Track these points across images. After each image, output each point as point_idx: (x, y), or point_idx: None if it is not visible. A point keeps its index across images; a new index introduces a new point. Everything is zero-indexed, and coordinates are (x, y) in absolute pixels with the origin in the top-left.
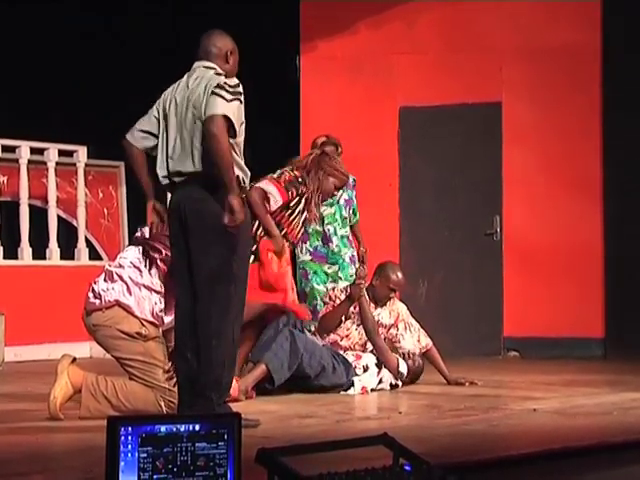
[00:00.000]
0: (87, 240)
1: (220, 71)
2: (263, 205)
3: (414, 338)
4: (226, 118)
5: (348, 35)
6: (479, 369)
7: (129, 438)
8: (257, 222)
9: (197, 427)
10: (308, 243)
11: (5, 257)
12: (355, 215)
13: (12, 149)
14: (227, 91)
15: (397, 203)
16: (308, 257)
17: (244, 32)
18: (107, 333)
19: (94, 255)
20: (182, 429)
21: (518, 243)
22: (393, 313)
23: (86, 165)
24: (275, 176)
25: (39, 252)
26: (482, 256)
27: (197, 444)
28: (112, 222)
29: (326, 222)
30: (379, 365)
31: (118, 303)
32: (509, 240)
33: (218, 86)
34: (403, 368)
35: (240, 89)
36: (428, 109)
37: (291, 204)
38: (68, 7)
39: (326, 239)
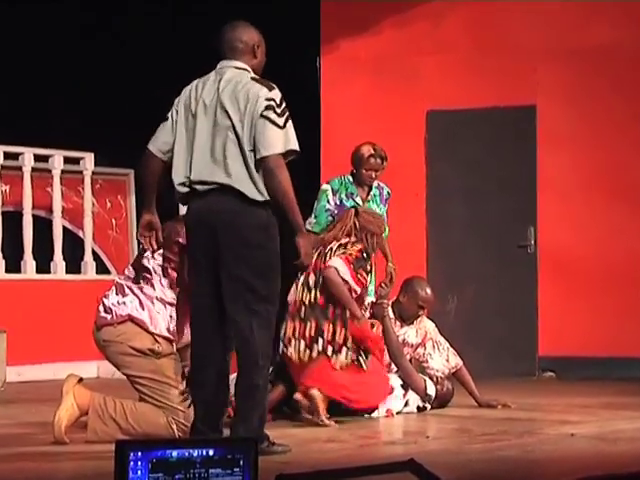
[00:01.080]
0: (94, 253)
1: (254, 75)
2: (344, 287)
3: (443, 357)
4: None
5: (371, 35)
6: (512, 391)
7: (139, 464)
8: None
9: (211, 452)
10: None
11: (7, 271)
12: (385, 230)
13: (15, 156)
14: (277, 113)
15: (424, 212)
16: None
17: (261, 32)
18: (118, 349)
19: (101, 269)
20: (195, 454)
21: (554, 255)
22: (420, 331)
23: (93, 173)
24: (343, 253)
25: (43, 265)
26: (515, 269)
27: (211, 470)
28: (121, 233)
29: None
30: (405, 387)
31: (131, 318)
32: (544, 252)
33: (267, 107)
34: (431, 390)
35: (284, 103)
36: (457, 113)
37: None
38: (73, 10)
39: None
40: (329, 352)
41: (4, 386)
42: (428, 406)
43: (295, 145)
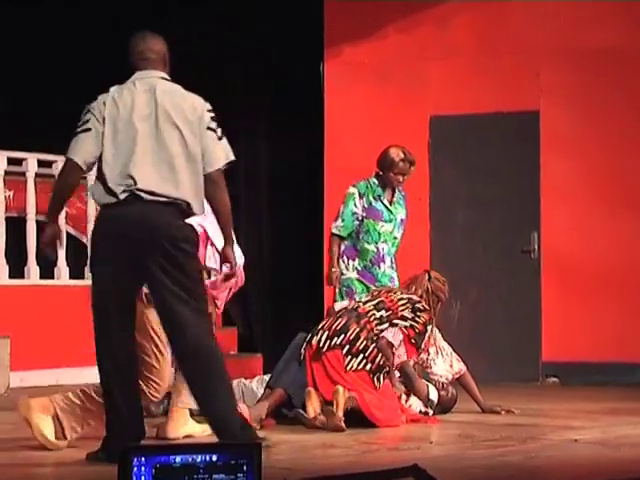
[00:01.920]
0: None
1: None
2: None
3: (446, 363)
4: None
5: (375, 39)
6: (516, 396)
7: (142, 469)
8: None
9: (214, 457)
10: (357, 261)
11: (11, 276)
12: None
13: (19, 162)
14: (217, 124)
15: (428, 217)
16: (355, 275)
17: (264, 36)
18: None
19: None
20: (198, 459)
21: (557, 261)
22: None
23: None
24: (407, 325)
25: (47, 271)
26: (519, 275)
27: (214, 476)
28: None
29: (381, 239)
30: (407, 392)
31: None
32: (548, 258)
33: (212, 119)
34: (433, 395)
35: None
36: (460, 118)
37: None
38: (81, 15)
39: (379, 259)
40: (345, 349)
41: (7, 392)
42: (430, 411)
43: (232, 155)
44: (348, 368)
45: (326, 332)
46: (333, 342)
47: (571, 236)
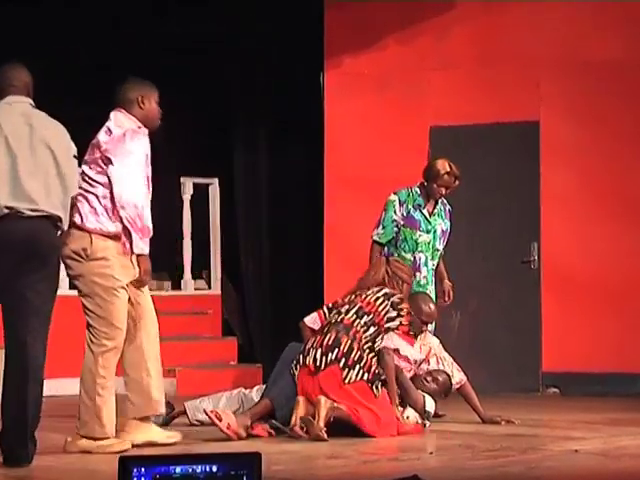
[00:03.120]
0: None
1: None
2: (399, 373)
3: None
4: None
5: (375, 50)
6: (516, 406)
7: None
8: None
9: (214, 468)
10: None
11: None
12: (443, 246)
13: None
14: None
15: None
16: None
17: (264, 46)
18: None
19: None
20: (198, 470)
21: (558, 271)
22: (424, 347)
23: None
24: (397, 325)
25: None
26: (519, 285)
27: None
28: None
29: (418, 249)
30: (403, 403)
31: None
32: (548, 268)
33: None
34: (430, 407)
35: None
36: (460, 128)
37: None
38: (82, 15)
39: (415, 268)
40: (341, 363)
41: None
42: (427, 423)
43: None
44: (347, 381)
45: (319, 349)
46: (329, 358)
47: (571, 246)
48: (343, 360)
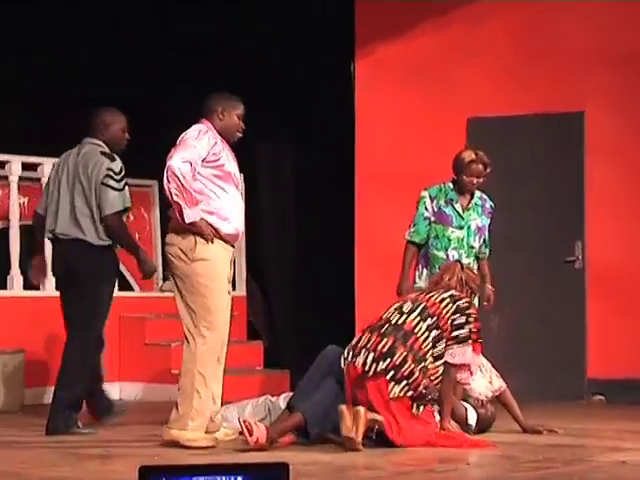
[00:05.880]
0: None
1: (105, 149)
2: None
3: (485, 380)
4: (119, 212)
5: (408, 38)
6: (559, 415)
7: None
8: None
9: (239, 479)
10: (427, 268)
11: (25, 287)
12: (486, 247)
13: (33, 167)
14: (115, 180)
15: None
16: (426, 284)
17: (294, 35)
18: None
19: (124, 285)
20: None
21: (603, 271)
22: None
23: None
24: (468, 333)
25: None
26: (562, 286)
27: None
28: (144, 248)
29: (451, 246)
30: (440, 413)
31: None
32: (593, 268)
33: (107, 176)
34: (472, 419)
35: (123, 172)
36: (500, 120)
37: None
38: (82, 15)
39: None
40: (389, 375)
41: (21, 410)
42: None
43: (126, 203)
44: (391, 395)
45: (372, 354)
46: (379, 367)
47: (617, 245)
48: (392, 372)
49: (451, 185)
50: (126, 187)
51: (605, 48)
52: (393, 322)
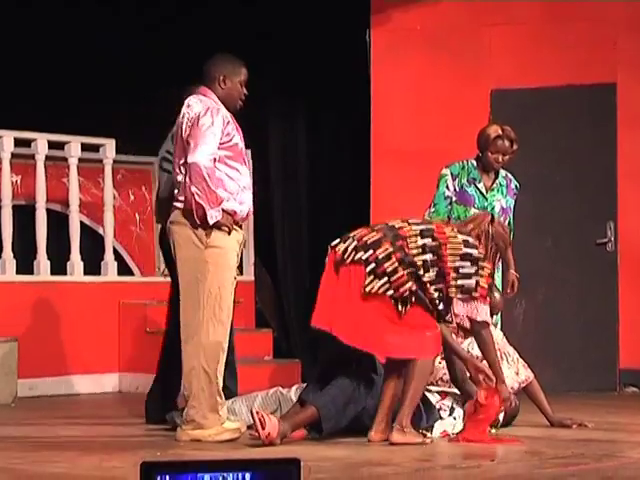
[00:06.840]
0: (115, 251)
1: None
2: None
3: (512, 370)
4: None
5: (427, 4)
6: (589, 408)
7: None
8: None
9: (247, 476)
10: None
11: (19, 272)
12: (510, 230)
13: (27, 143)
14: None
15: None
16: None
17: (307, 3)
18: None
19: (124, 269)
20: (229, 478)
21: (637, 254)
22: None
23: (114, 162)
24: (474, 285)
25: (59, 266)
26: (593, 270)
27: None
28: (145, 229)
29: None
30: (452, 410)
31: None
32: (626, 251)
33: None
34: (499, 414)
35: None
36: (526, 92)
37: None
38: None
39: None
40: (369, 267)
41: (15, 402)
42: (493, 430)
43: None
44: (367, 290)
45: (355, 242)
46: (358, 256)
47: None
48: (373, 265)
49: (474, 162)
50: None
51: (638, 18)
52: (390, 224)
